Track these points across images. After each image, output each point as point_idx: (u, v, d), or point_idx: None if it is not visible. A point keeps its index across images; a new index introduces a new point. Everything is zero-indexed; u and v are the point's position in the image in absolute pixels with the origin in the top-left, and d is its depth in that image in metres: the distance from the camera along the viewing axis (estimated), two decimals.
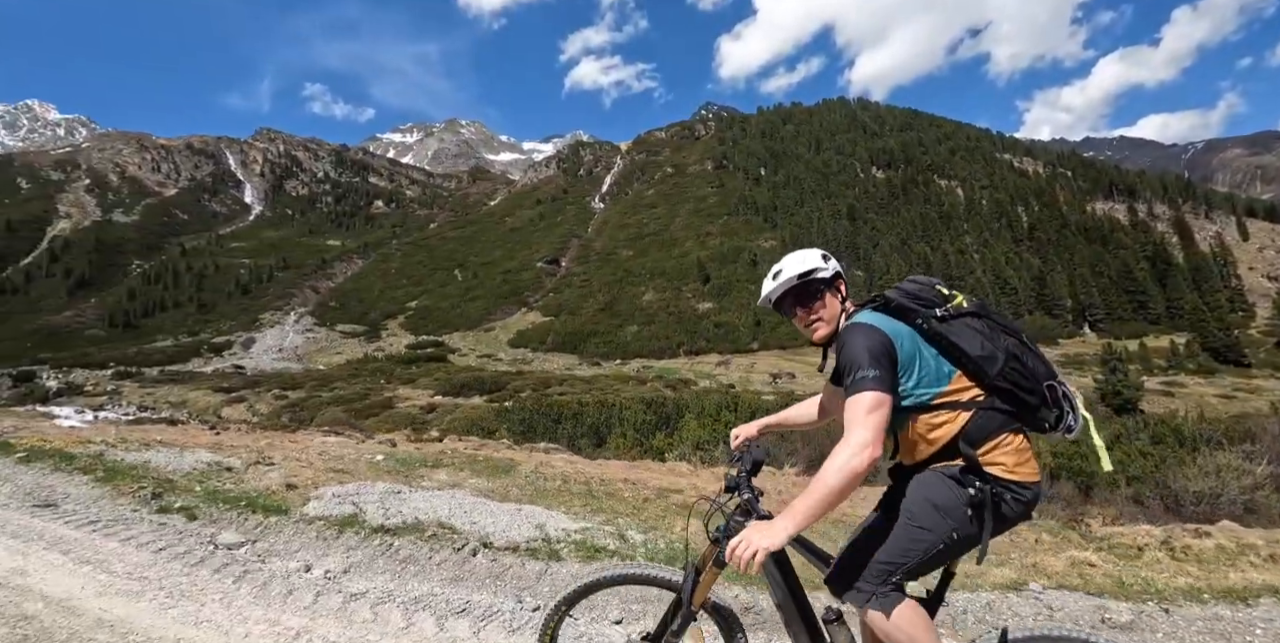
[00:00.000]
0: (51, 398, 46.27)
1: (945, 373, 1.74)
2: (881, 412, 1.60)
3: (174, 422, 20.72)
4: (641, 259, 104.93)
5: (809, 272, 1.89)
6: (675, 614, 1.93)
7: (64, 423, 18.94)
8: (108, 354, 77.21)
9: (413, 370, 46.82)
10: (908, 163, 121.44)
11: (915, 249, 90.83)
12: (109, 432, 13.06)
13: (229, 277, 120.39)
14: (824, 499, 1.56)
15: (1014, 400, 1.72)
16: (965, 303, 1.83)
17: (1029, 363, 1.75)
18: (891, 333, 1.72)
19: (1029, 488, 1.70)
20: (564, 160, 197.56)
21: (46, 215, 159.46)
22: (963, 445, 1.70)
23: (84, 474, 5.26)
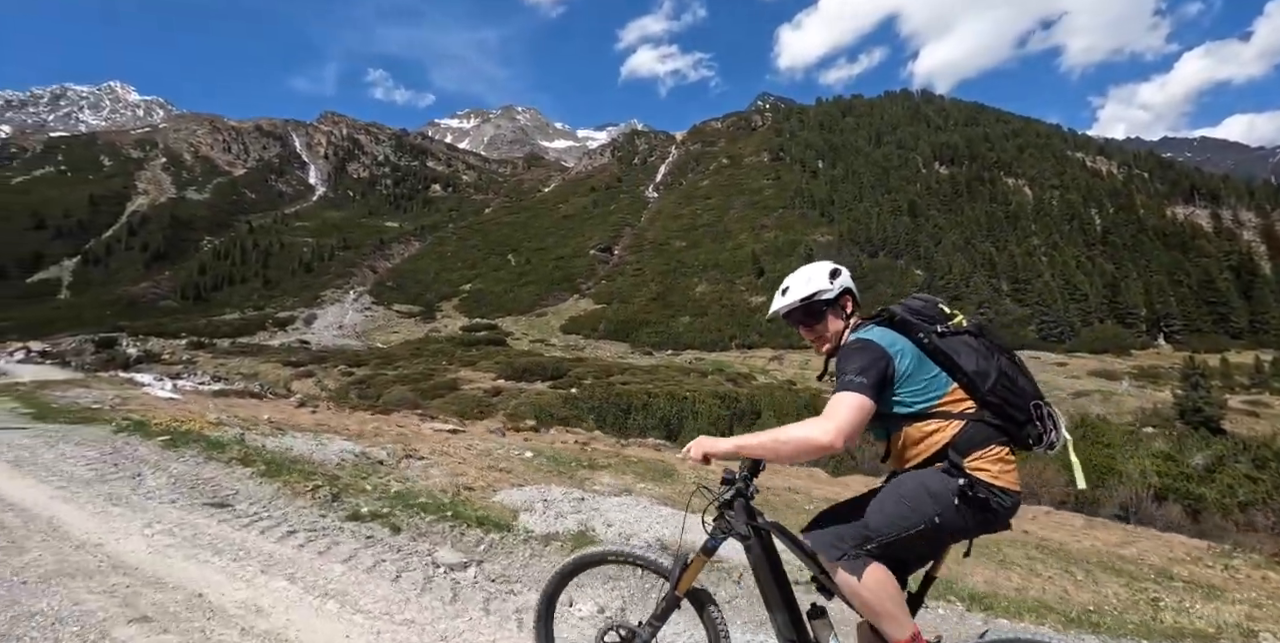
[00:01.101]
0: (132, 364, 48.34)
1: (941, 385, 1.85)
2: (860, 413, 1.72)
3: (257, 395, 21.27)
4: (694, 250, 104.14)
5: (812, 294, 2.01)
6: (663, 599, 2.01)
7: (155, 392, 19.62)
8: (180, 324, 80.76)
9: (473, 353, 47.43)
10: (972, 159, 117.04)
11: (979, 249, 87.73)
12: (207, 404, 13.41)
13: (293, 254, 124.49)
14: (772, 442, 1.74)
15: (1002, 415, 1.84)
16: (965, 322, 1.95)
17: (1019, 382, 1.86)
18: (891, 347, 1.85)
19: (1010, 495, 1.80)
20: (619, 149, 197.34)
21: (126, 191, 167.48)
22: (952, 453, 1.81)
23: (243, 466, 4.96)
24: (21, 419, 7.77)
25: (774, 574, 1.94)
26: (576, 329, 77.86)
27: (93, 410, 8.90)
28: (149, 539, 3.29)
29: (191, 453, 5.28)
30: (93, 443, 5.56)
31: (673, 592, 1.98)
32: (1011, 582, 4.41)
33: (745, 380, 41.53)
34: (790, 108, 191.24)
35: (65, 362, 48.26)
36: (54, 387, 15.51)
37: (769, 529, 1.94)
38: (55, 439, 5.77)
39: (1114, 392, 43.83)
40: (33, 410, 8.59)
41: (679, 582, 1.97)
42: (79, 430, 6.31)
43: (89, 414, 8.04)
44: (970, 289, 77.94)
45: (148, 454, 5.20)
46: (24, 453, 5.10)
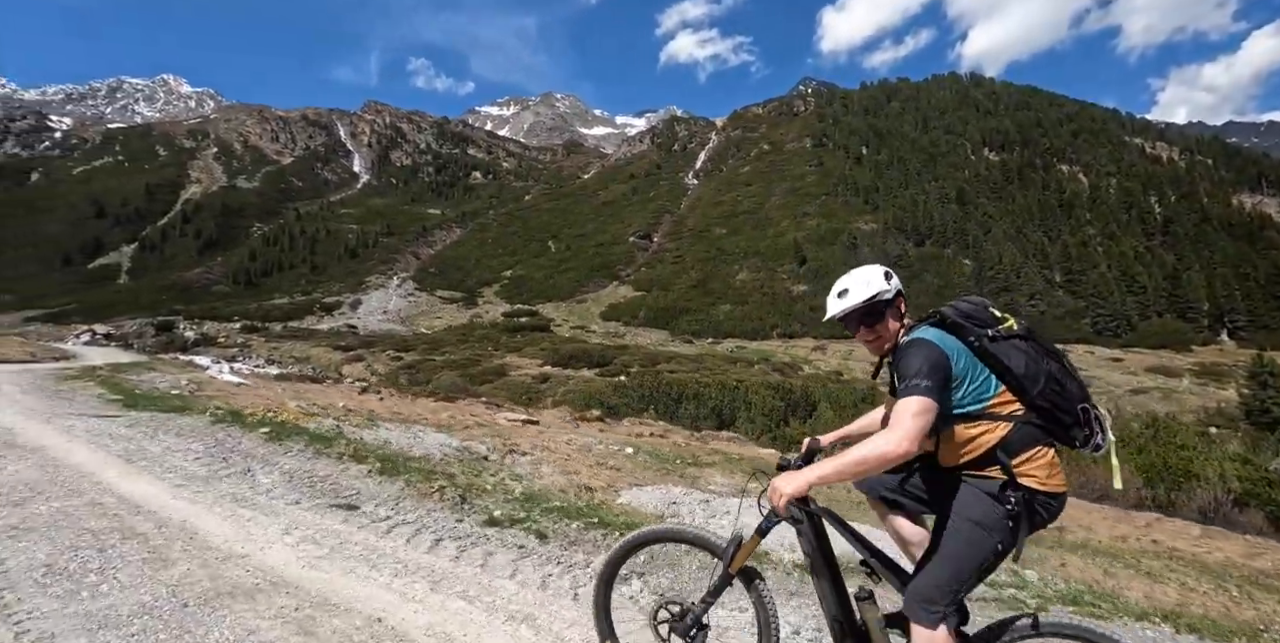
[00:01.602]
0: (190, 347, 50.04)
1: (991, 387, 1.91)
2: (926, 417, 1.77)
3: (316, 379, 21.69)
4: (735, 238, 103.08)
5: (874, 295, 2.04)
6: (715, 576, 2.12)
7: (222, 376, 20.10)
8: (232, 308, 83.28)
9: (518, 339, 47.75)
10: (1024, 145, 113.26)
11: (1031, 238, 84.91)
12: (275, 389, 13.62)
13: (338, 241, 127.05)
14: (847, 466, 1.76)
15: (1051, 418, 1.90)
16: (1015, 326, 1.99)
17: (1067, 386, 1.92)
18: (946, 348, 1.89)
19: (1057, 498, 1.90)
20: (658, 135, 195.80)
21: (179, 180, 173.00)
22: (1000, 454, 1.87)
23: (355, 463, 4.77)
24: (112, 406, 7.83)
25: (824, 557, 2.02)
26: (616, 316, 77.91)
27: (175, 397, 9.00)
28: (294, 549, 3.13)
29: (297, 447, 5.18)
30: (193, 434, 5.51)
31: (726, 570, 2.05)
32: (1169, 597, 4.07)
33: (792, 371, 40.93)
34: (833, 92, 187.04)
35: (128, 344, 50.19)
36: (126, 370, 15.94)
37: (820, 514, 2.00)
38: (154, 429, 5.74)
39: (1174, 389, 41.91)
40: (120, 397, 8.68)
41: (733, 560, 2.05)
42: (174, 420, 6.29)
43: (176, 402, 8.08)
44: (1021, 280, 75.53)
45: (252, 448, 5.13)
46: (130, 445, 5.06)
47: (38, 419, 6.58)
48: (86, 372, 13.53)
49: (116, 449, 4.92)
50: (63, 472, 4.24)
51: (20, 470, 4.24)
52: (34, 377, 12.78)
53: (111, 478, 4.13)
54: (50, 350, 31.58)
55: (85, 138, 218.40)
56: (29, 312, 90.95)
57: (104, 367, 17.53)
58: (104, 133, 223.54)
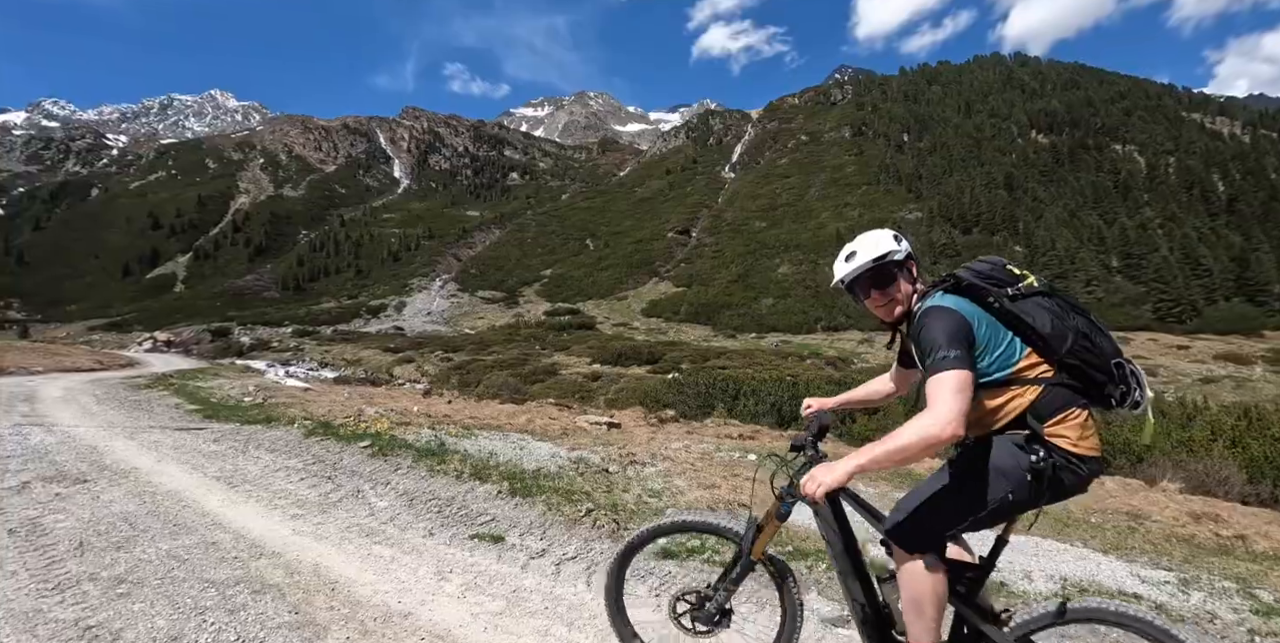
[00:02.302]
0: (245, 352, 51.31)
1: (1016, 351, 1.79)
2: (968, 393, 1.65)
3: (375, 382, 21.74)
4: (775, 231, 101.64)
5: (884, 255, 1.93)
6: (735, 564, 2.07)
7: (285, 381, 20.18)
8: (283, 313, 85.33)
9: (564, 338, 47.59)
10: (1074, 125, 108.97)
11: (1086, 222, 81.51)
12: (342, 393, 13.43)
13: (381, 245, 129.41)
14: (892, 453, 1.65)
15: (1083, 377, 1.78)
16: (1035, 283, 1.87)
17: (1097, 341, 1.80)
18: (966, 314, 1.78)
19: (1089, 462, 1.76)
20: (693, 130, 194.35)
21: (229, 191, 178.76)
22: (1030, 419, 1.76)
23: (478, 481, 4.25)
24: (193, 418, 7.58)
25: (844, 539, 1.95)
26: (657, 312, 77.43)
27: (252, 406, 8.72)
28: (461, 601, 2.58)
29: (405, 463, 4.72)
30: (287, 450, 5.14)
31: (747, 556, 2.01)
32: None
33: (844, 365, 39.86)
34: (871, 79, 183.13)
35: (188, 351, 51.64)
36: (193, 376, 16.01)
37: (838, 494, 1.94)
38: (244, 444, 5.40)
39: (1248, 378, 39.32)
40: (198, 407, 8.46)
41: (753, 546, 2.00)
42: (262, 433, 5.94)
43: (255, 411, 7.79)
44: (1077, 266, 72.48)
45: (356, 465, 4.72)
46: (225, 465, 4.72)
47: (120, 434, 6.35)
48: (157, 380, 13.51)
49: (212, 470, 4.55)
50: (162, 501, 3.91)
51: (116, 501, 3.90)
52: (106, 386, 12.80)
53: (217, 507, 3.77)
54: (116, 358, 32.54)
55: (140, 154, 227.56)
56: (93, 321, 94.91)
57: (171, 374, 17.72)
58: (157, 148, 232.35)
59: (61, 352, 33.68)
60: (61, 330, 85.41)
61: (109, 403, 9.51)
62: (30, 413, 8.21)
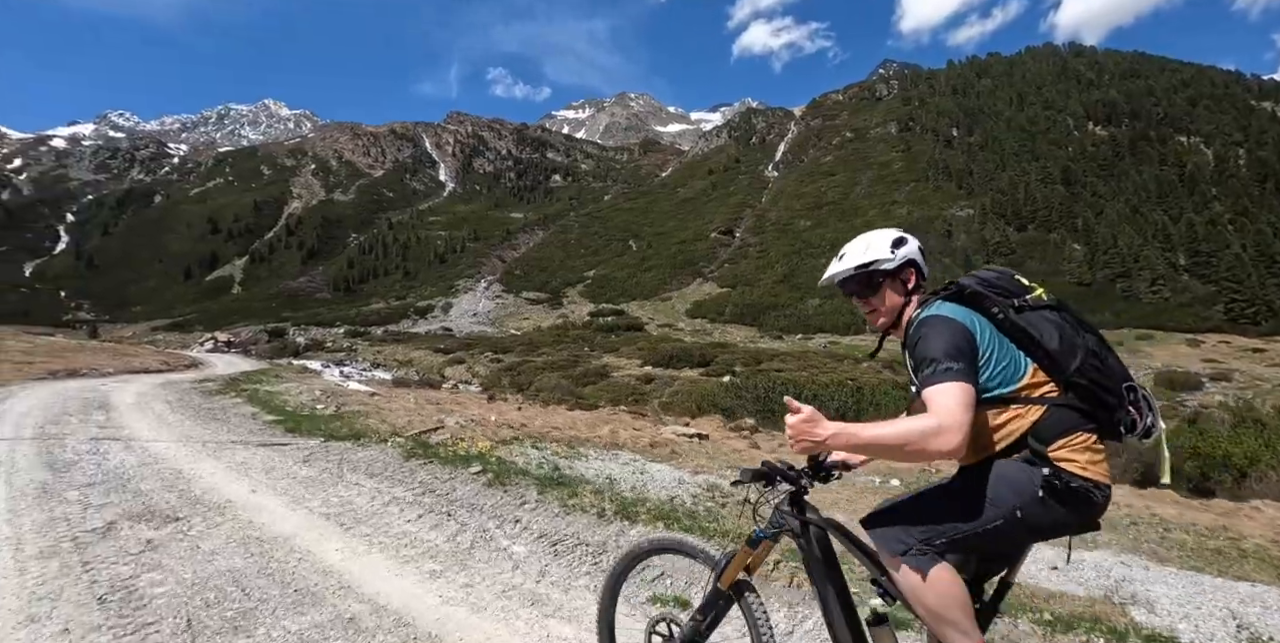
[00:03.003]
0: (301, 352, 52.39)
1: (1021, 366, 1.65)
2: (971, 409, 1.50)
3: (433, 384, 21.71)
4: (820, 229, 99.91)
5: (868, 263, 1.82)
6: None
7: (349, 384, 20.20)
8: (334, 314, 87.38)
9: (613, 339, 47.28)
10: (1135, 116, 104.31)
11: (1150, 218, 77.73)
12: (408, 398, 13.19)
13: (428, 247, 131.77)
14: (880, 438, 1.49)
15: (1092, 399, 1.63)
16: (1045, 296, 1.74)
17: (1108, 361, 1.67)
18: (969, 323, 1.65)
19: (1100, 488, 1.59)
20: (735, 129, 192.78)
21: (283, 196, 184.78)
22: (1032, 441, 1.61)
23: (626, 521, 3.72)
24: (273, 430, 7.36)
25: (829, 575, 1.77)
26: (702, 313, 76.76)
27: (330, 416, 8.40)
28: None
29: (530, 496, 4.18)
30: (388, 475, 4.72)
31: (715, 585, 1.89)
32: None
33: (901, 367, 38.58)
34: (918, 73, 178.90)
35: (246, 351, 52.95)
36: (258, 379, 15.99)
37: (825, 526, 1.79)
38: (338, 466, 5.00)
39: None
40: (276, 417, 8.20)
41: (722, 575, 1.87)
42: (354, 453, 5.52)
43: (336, 423, 7.45)
44: (1140, 264, 69.07)
45: (474, 497, 4.21)
46: (327, 495, 4.28)
47: (203, 452, 6.08)
48: (227, 385, 13.47)
49: (316, 503, 4.12)
50: (272, 551, 3.38)
51: (219, 551, 3.35)
52: (178, 391, 12.79)
53: (338, 560, 3.26)
54: (180, 358, 33.40)
55: (199, 162, 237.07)
56: (156, 321, 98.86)
57: (237, 376, 17.84)
58: (215, 156, 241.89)
59: (129, 352, 34.78)
60: (127, 330, 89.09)
61: (183, 411, 9.38)
62: (106, 423, 8.07)
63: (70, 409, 9.46)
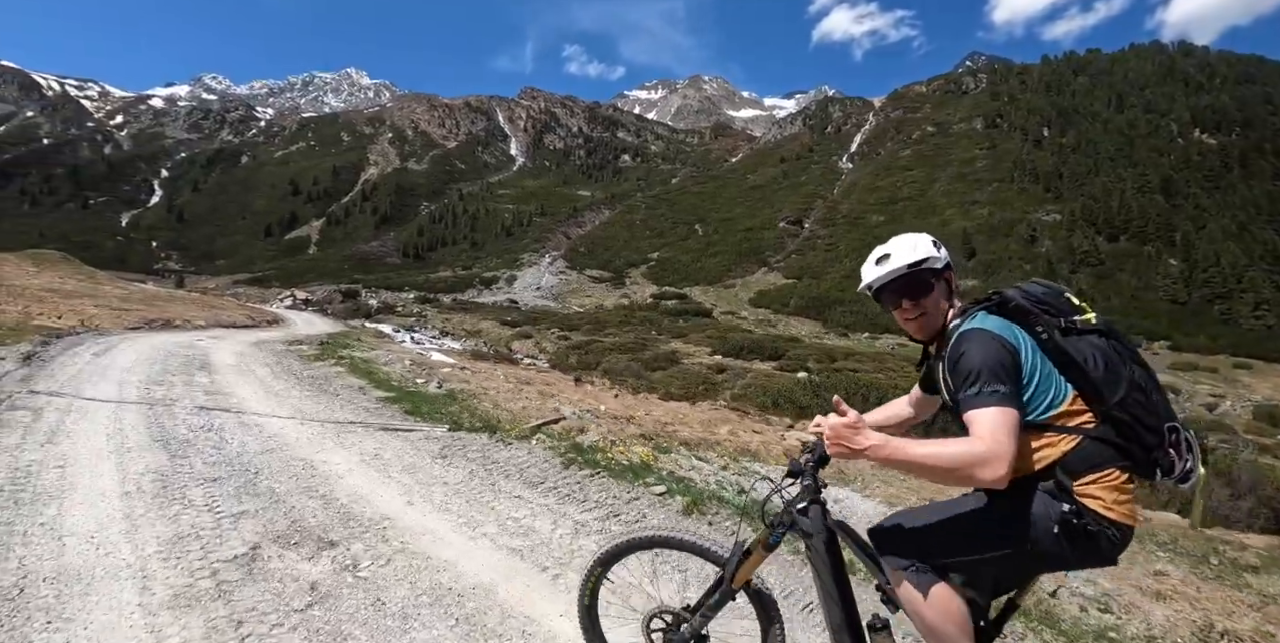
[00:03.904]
0: (373, 315, 53.89)
1: (1062, 392, 1.58)
2: (1016, 434, 1.43)
3: (510, 359, 21.70)
4: (893, 226, 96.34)
5: (921, 261, 1.76)
6: (716, 590, 1.93)
7: (432, 354, 20.33)
8: (403, 280, 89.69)
9: (680, 324, 46.81)
10: (1248, 125, 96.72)
11: (1259, 237, 72.22)
12: (498, 375, 13.00)
13: (496, 220, 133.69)
14: (924, 457, 1.44)
15: (1130, 435, 1.55)
16: (1094, 319, 1.65)
17: (1154, 397, 1.57)
18: (1014, 341, 1.58)
19: (1123, 529, 1.53)
20: (810, 117, 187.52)
21: (360, 163, 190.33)
22: (1060, 473, 1.55)
23: None
24: (390, 410, 6.98)
25: (835, 578, 1.75)
26: (766, 303, 75.42)
27: (436, 393, 8.12)
28: None
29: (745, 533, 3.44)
30: (551, 486, 4.27)
31: (728, 585, 1.86)
32: None
33: None
34: (1008, 67, 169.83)
35: (322, 310, 54.76)
36: (344, 343, 16.09)
37: (836, 528, 1.78)
38: (486, 469, 4.57)
39: None
40: (386, 394, 7.97)
41: (735, 575, 1.85)
42: (497, 450, 5.20)
43: (456, 407, 7.11)
44: (1244, 286, 64.19)
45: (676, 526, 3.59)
46: (502, 517, 3.74)
47: (324, 434, 5.70)
48: (321, 349, 13.51)
49: (492, 529, 3.55)
50: (483, 619, 2.63)
51: (412, 616, 2.63)
52: (273, 352, 12.81)
53: (568, 627, 2.56)
54: (263, 314, 34.68)
55: (284, 126, 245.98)
56: (237, 275, 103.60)
57: (324, 338, 18.00)
58: (299, 122, 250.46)
59: (216, 305, 36.35)
60: (211, 283, 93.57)
61: (287, 378, 9.19)
62: (212, 387, 7.90)
63: (172, 367, 9.40)
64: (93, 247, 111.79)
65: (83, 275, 38.58)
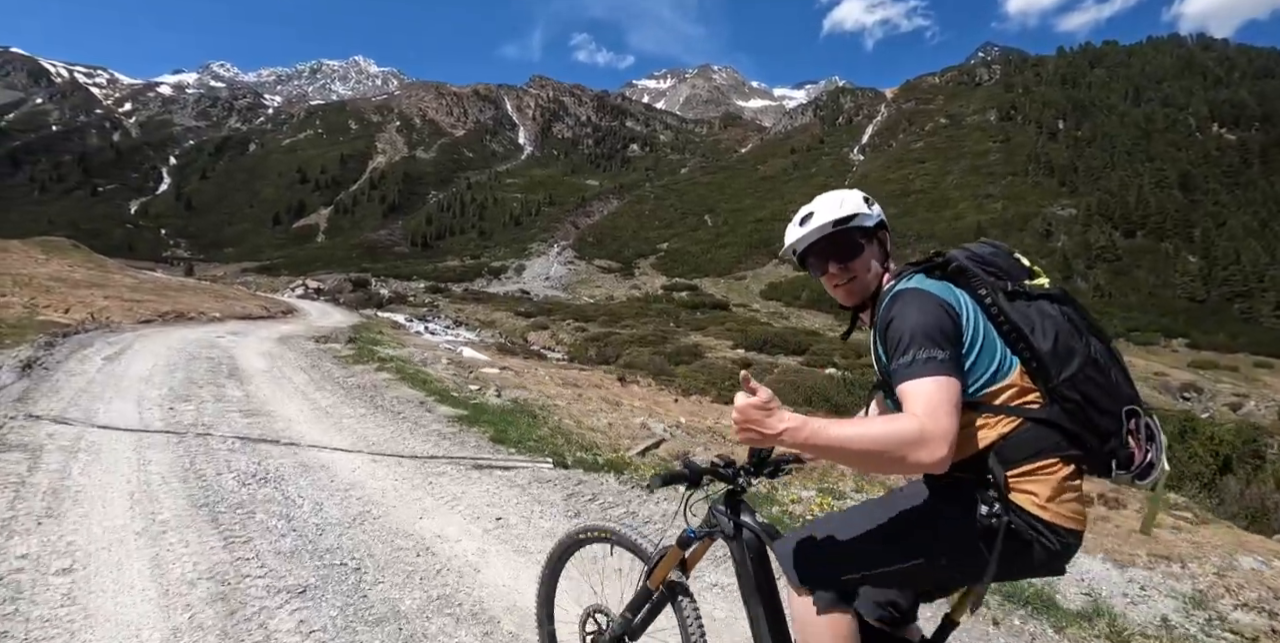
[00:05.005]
0: (385, 304, 53.66)
1: (1005, 366, 1.34)
2: (958, 408, 1.21)
3: (539, 355, 21.43)
4: (906, 219, 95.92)
5: (849, 217, 1.52)
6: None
7: (463, 350, 19.94)
8: (411, 268, 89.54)
9: (698, 317, 46.48)
10: (1268, 120, 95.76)
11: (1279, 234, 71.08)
12: (541, 376, 12.69)
13: (504, 209, 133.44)
14: (847, 440, 1.20)
15: (1081, 419, 1.32)
16: (1048, 284, 1.44)
17: (1113, 376, 1.35)
18: (954, 303, 1.35)
19: (1061, 534, 1.31)
20: (821, 108, 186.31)
21: (368, 151, 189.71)
22: (992, 459, 1.32)
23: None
24: (469, 435, 5.85)
25: (758, 582, 1.59)
26: (777, 295, 74.98)
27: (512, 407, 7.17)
28: None
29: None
30: None
31: (644, 583, 1.78)
32: None
33: None
34: (1023, 59, 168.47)
35: (334, 299, 54.52)
36: (372, 339, 15.49)
37: (758, 533, 1.60)
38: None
39: None
40: (456, 411, 6.81)
41: (651, 574, 1.76)
42: (638, 501, 4.31)
43: (549, 432, 6.22)
44: (1265, 285, 63.59)
45: None
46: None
47: (416, 482, 4.40)
48: (356, 350, 12.18)
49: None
50: None
51: None
52: (300, 350, 11.81)
53: None
54: (277, 304, 34.35)
55: (292, 114, 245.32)
56: (245, 263, 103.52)
57: (349, 333, 17.09)
58: (307, 109, 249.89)
59: (228, 294, 36.03)
60: (219, 270, 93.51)
61: (331, 389, 7.98)
62: (248, 404, 6.70)
63: (197, 375, 8.27)
64: (101, 234, 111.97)
65: (92, 263, 38.25)
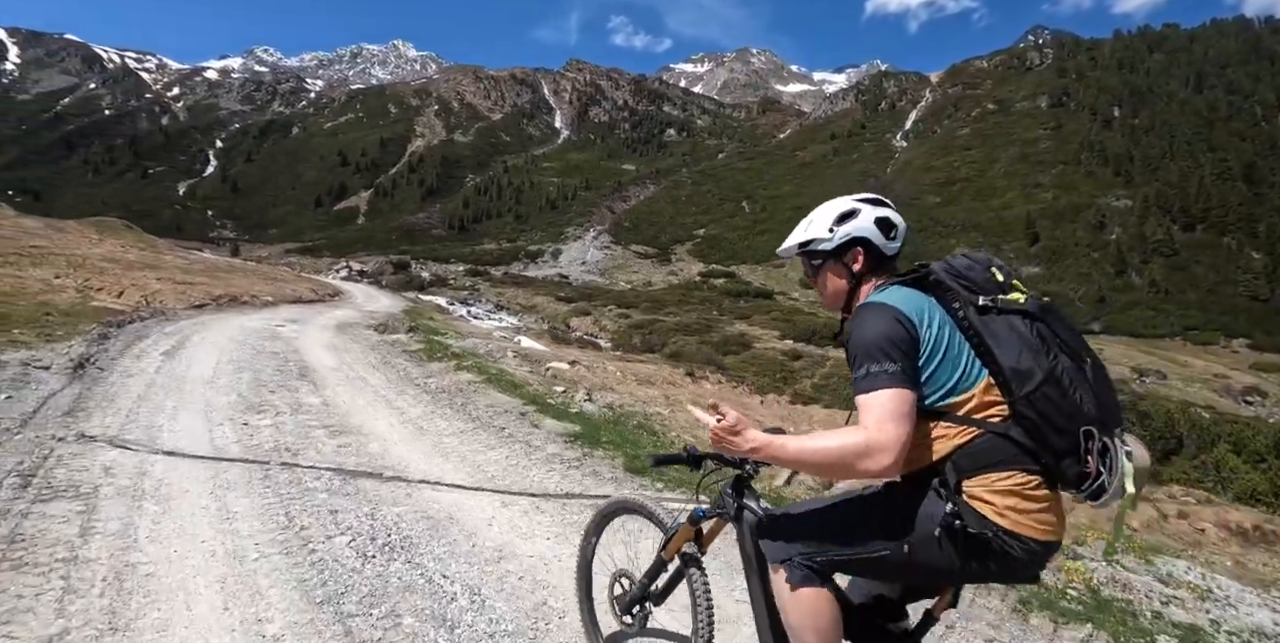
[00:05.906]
0: (426, 287, 54.29)
1: (973, 378, 1.39)
2: (907, 418, 1.30)
3: (594, 344, 21.33)
4: (950, 208, 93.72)
5: (806, 242, 1.67)
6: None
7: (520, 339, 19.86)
8: (450, 251, 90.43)
9: (742, 306, 46.14)
10: None
11: None
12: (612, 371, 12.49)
13: (540, 193, 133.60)
14: (801, 452, 1.37)
15: (1036, 436, 1.35)
16: (1023, 299, 1.44)
17: (1073, 395, 1.34)
18: (913, 314, 1.41)
19: (1024, 542, 1.34)
20: (862, 92, 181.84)
21: (407, 135, 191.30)
22: (948, 468, 1.39)
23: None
24: (594, 459, 5.19)
25: (759, 571, 1.67)
26: None
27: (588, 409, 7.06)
28: None
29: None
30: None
31: (660, 553, 1.95)
32: None
33: None
34: (1077, 43, 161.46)
35: (377, 281, 55.28)
36: (429, 328, 15.30)
37: (759, 516, 1.68)
38: None
39: None
40: (571, 428, 6.06)
41: (666, 545, 1.92)
42: None
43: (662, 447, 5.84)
44: None
45: None
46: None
47: (560, 534, 3.52)
48: (429, 344, 11.09)
49: None
50: None
51: None
52: (365, 342, 11.15)
53: None
54: (324, 286, 34.84)
55: (333, 98, 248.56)
56: (288, 244, 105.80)
57: (407, 321, 16.72)
58: (348, 93, 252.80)
59: (276, 276, 36.60)
60: (264, 250, 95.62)
61: (414, 394, 7.17)
62: (331, 419, 5.80)
63: (265, 376, 7.47)
64: (151, 215, 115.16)
65: (144, 243, 39.15)
